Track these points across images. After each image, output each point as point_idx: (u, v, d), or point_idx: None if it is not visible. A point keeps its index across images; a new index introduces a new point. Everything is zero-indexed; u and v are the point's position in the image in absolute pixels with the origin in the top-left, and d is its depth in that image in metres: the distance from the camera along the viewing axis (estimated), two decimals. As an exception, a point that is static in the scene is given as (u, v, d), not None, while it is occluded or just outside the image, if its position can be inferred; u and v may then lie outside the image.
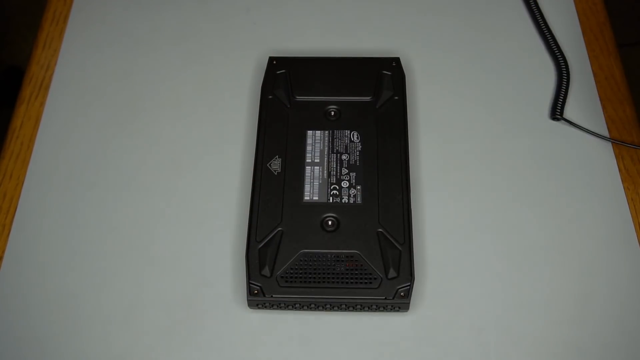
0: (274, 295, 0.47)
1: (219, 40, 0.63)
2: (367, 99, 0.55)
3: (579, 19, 0.63)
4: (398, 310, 0.48)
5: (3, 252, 0.52)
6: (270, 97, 0.55)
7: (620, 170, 0.55)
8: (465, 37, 0.62)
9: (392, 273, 0.48)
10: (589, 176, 0.54)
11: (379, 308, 0.48)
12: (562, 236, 0.52)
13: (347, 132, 0.54)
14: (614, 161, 0.55)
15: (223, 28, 0.63)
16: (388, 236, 0.49)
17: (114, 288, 0.50)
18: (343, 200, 0.50)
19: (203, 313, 0.49)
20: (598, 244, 0.52)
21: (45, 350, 0.48)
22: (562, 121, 0.56)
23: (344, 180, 0.51)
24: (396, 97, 0.55)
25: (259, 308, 0.48)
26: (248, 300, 0.48)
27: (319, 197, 0.51)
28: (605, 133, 0.56)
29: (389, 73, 0.56)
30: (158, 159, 0.56)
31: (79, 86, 0.60)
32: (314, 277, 0.47)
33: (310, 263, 0.48)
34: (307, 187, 0.51)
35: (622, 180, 0.54)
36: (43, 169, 0.56)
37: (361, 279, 0.48)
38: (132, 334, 0.49)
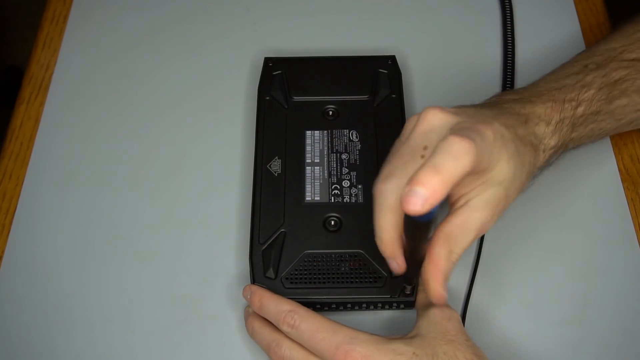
0: None
1: (218, 41, 0.63)
2: (365, 97, 0.55)
3: (579, 19, 0.63)
4: (403, 309, 0.48)
5: (3, 252, 0.52)
6: (267, 98, 0.55)
7: (620, 170, 0.55)
8: (460, 34, 0.62)
9: (396, 271, 0.47)
10: (589, 176, 0.54)
11: (384, 306, 0.48)
12: (562, 236, 0.52)
13: (346, 131, 0.54)
14: (614, 161, 0.55)
15: (222, 29, 0.63)
16: (391, 235, 0.48)
17: (115, 288, 0.50)
18: (345, 200, 0.50)
19: (206, 315, 0.49)
20: (598, 244, 0.52)
21: (44, 350, 0.48)
22: None
23: (345, 179, 0.51)
24: (393, 95, 0.55)
25: (263, 309, 0.48)
26: (254, 301, 0.48)
27: (320, 197, 0.51)
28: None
29: (385, 71, 0.56)
30: (158, 160, 0.56)
31: (79, 86, 0.60)
32: (319, 278, 0.47)
33: (314, 264, 0.48)
34: (308, 188, 0.51)
35: (622, 181, 0.54)
36: (43, 169, 0.56)
37: (366, 278, 0.47)
38: (133, 334, 0.49)
